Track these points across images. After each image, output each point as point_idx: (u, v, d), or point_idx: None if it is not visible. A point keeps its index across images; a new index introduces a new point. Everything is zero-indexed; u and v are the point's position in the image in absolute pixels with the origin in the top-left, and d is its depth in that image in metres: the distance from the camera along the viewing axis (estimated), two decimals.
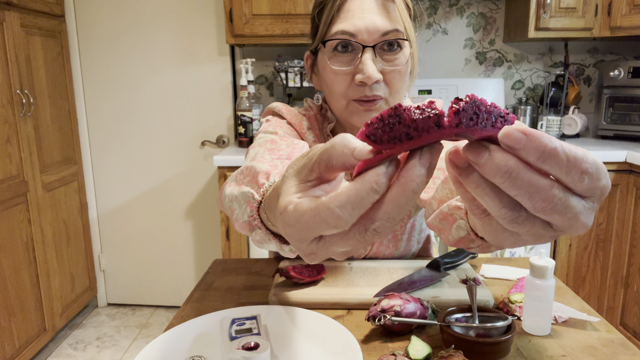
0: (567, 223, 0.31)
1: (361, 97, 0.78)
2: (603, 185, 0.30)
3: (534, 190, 0.29)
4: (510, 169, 0.28)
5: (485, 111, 0.29)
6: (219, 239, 2.70)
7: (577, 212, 0.30)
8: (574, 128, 2.42)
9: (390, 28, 0.76)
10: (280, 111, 0.93)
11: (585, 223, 0.31)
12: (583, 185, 0.29)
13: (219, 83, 2.54)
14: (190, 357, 0.66)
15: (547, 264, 0.71)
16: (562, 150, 0.28)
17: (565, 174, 0.29)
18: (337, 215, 0.30)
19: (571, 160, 0.28)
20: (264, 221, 0.51)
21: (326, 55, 0.80)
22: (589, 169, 0.29)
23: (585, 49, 2.56)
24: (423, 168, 0.30)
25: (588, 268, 2.12)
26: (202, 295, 0.88)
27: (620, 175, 2.03)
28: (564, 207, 0.30)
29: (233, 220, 0.58)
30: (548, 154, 0.28)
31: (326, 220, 0.30)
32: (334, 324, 0.71)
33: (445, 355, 0.60)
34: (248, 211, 0.53)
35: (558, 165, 0.28)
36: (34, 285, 2.18)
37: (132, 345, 2.40)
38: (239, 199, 0.54)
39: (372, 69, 0.75)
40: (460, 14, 2.55)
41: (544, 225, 0.32)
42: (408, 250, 1.04)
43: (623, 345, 0.70)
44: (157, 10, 2.49)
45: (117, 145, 2.66)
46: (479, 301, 0.79)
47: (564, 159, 0.28)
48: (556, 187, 0.29)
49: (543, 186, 0.29)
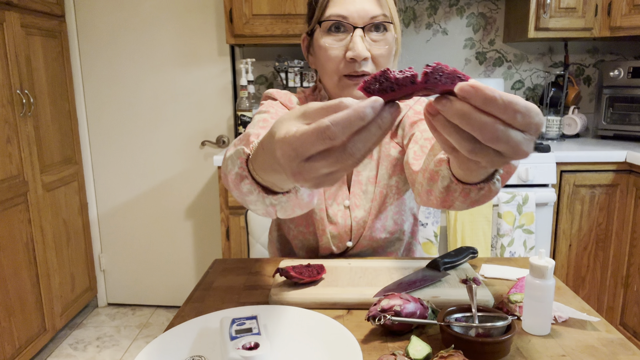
0: (511, 150, 0.42)
1: (351, 73, 0.88)
2: (536, 122, 0.41)
3: (482, 126, 0.40)
4: (464, 112, 0.40)
5: (447, 73, 0.41)
6: (219, 239, 2.70)
7: (517, 141, 0.41)
8: (573, 128, 2.42)
9: (378, 12, 0.87)
10: (272, 94, 1.02)
11: (525, 150, 0.42)
12: (517, 121, 0.40)
13: (219, 83, 2.54)
14: (191, 357, 0.66)
15: (547, 263, 0.71)
16: (500, 97, 0.39)
17: (503, 113, 0.40)
18: (333, 131, 0.40)
19: (506, 103, 0.39)
20: (251, 172, 0.60)
21: (321, 35, 0.90)
22: (520, 109, 0.40)
23: (585, 49, 2.56)
24: (389, 114, 0.41)
25: (588, 268, 2.12)
26: (202, 295, 0.88)
27: (620, 175, 2.03)
28: (506, 137, 0.41)
29: (225, 177, 0.66)
30: (489, 100, 0.39)
31: (323, 133, 0.40)
32: (334, 324, 0.71)
33: (445, 355, 0.60)
34: (238, 163, 0.60)
35: (497, 107, 0.40)
36: (34, 285, 2.18)
37: (132, 345, 2.40)
38: (233, 157, 0.62)
39: (362, 46, 0.86)
40: (460, 14, 2.55)
41: (496, 153, 0.43)
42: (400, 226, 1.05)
43: (623, 345, 0.70)
44: (157, 11, 2.49)
45: (117, 145, 2.66)
46: (479, 301, 0.79)
47: (501, 103, 0.39)
48: (499, 123, 0.40)
49: (489, 123, 0.40)
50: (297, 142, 0.41)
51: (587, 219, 2.07)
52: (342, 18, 0.87)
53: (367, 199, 1.01)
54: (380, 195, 1.01)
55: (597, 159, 2.02)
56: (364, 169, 1.02)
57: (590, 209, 2.07)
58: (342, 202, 1.02)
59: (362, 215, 1.01)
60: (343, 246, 1.04)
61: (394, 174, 1.02)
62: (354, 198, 1.01)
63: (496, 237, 1.97)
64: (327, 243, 1.02)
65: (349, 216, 1.01)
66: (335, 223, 1.01)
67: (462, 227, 1.93)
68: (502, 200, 1.92)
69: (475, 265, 0.99)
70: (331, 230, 1.02)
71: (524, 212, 1.92)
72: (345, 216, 1.01)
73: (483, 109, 0.40)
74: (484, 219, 1.93)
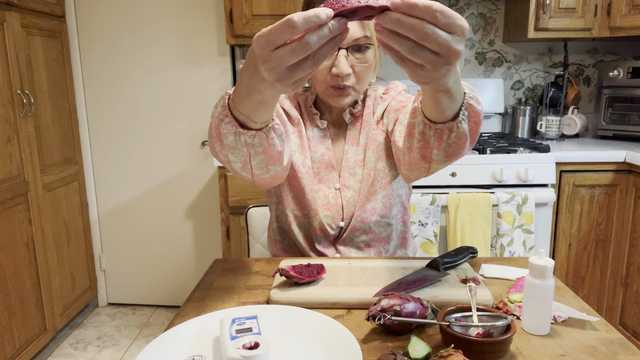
0: (444, 49, 0.53)
1: (335, 85, 1.00)
2: (459, 24, 0.53)
3: (412, 27, 0.52)
4: (397, 19, 0.52)
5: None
6: (219, 239, 2.70)
7: (446, 39, 0.53)
8: (573, 128, 2.42)
9: (360, 35, 0.97)
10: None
11: (456, 49, 0.54)
12: (440, 20, 0.52)
13: (219, 83, 2.55)
14: (191, 356, 0.67)
15: (547, 263, 0.71)
16: (421, 2, 0.51)
17: (426, 15, 0.52)
18: (296, 22, 0.52)
19: (426, 6, 0.51)
20: (231, 109, 0.72)
21: None
22: (438, 8, 0.51)
23: (585, 49, 2.56)
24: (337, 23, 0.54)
25: (587, 268, 2.13)
26: (203, 295, 0.88)
27: (619, 175, 2.04)
28: (434, 35, 0.52)
29: (210, 131, 0.77)
30: (412, 6, 0.51)
31: (287, 23, 0.53)
32: (334, 323, 0.71)
33: (444, 354, 0.60)
34: (220, 104, 0.73)
35: (420, 11, 0.51)
36: (35, 285, 2.18)
37: (132, 344, 2.40)
38: (217, 104, 0.74)
39: (345, 65, 0.97)
40: (460, 14, 2.55)
41: (432, 53, 0.54)
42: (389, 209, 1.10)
43: (622, 344, 0.70)
44: (157, 11, 2.50)
45: (117, 145, 2.66)
46: (479, 301, 0.79)
47: (422, 7, 0.51)
48: (425, 24, 0.52)
49: (417, 23, 0.52)
50: (269, 33, 0.55)
51: (587, 219, 2.08)
52: None
53: (356, 180, 1.09)
54: (367, 177, 1.08)
55: (597, 159, 2.02)
56: (352, 155, 1.10)
57: (589, 208, 2.07)
58: (332, 185, 1.10)
59: (351, 195, 1.09)
60: (336, 227, 1.09)
61: (380, 159, 1.10)
62: (343, 180, 1.10)
63: (496, 237, 1.97)
64: (320, 224, 1.08)
65: (339, 197, 1.09)
66: (327, 204, 1.09)
67: (461, 227, 1.93)
68: (502, 200, 1.92)
69: (474, 265, 0.99)
70: (324, 211, 1.08)
71: (524, 212, 1.93)
72: (337, 197, 1.09)
73: (412, 14, 0.52)
74: (484, 219, 1.93)
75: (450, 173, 1.98)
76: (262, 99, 0.66)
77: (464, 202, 1.92)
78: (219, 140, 0.76)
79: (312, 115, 1.12)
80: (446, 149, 0.79)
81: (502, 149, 2.03)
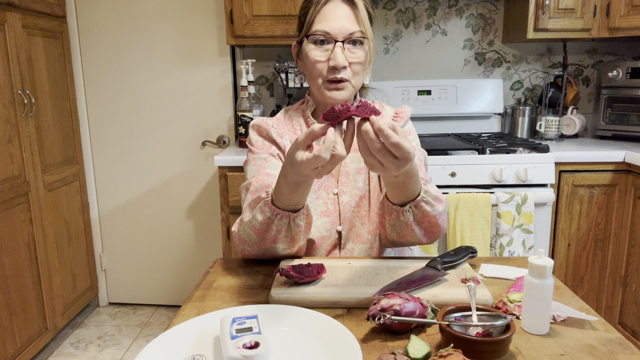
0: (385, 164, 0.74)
1: (332, 79, 1.05)
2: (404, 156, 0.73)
3: (370, 142, 0.72)
4: (366, 130, 0.72)
5: (369, 107, 0.71)
6: (220, 239, 2.71)
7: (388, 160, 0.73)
8: (572, 128, 2.43)
9: (356, 29, 1.03)
10: (253, 126, 1.19)
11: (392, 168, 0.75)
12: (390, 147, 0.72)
13: (220, 83, 2.55)
14: (191, 356, 0.67)
15: (546, 263, 0.71)
16: (385, 129, 0.71)
17: (384, 140, 0.71)
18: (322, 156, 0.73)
19: (385, 134, 0.71)
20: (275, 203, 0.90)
21: (308, 46, 1.07)
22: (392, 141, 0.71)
23: (584, 50, 2.56)
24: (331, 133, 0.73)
25: (587, 267, 2.13)
26: (203, 295, 0.88)
27: (618, 175, 2.04)
28: (382, 154, 0.73)
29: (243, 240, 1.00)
30: (379, 130, 0.71)
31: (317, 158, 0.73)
32: (333, 323, 0.72)
33: (444, 354, 0.60)
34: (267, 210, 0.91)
35: (382, 135, 0.71)
36: (36, 285, 2.18)
37: (133, 344, 2.41)
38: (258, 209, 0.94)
39: (341, 57, 1.03)
40: (460, 15, 2.55)
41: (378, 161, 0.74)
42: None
43: (621, 344, 0.70)
44: (158, 11, 2.50)
45: (118, 146, 2.66)
46: (478, 300, 0.79)
47: (385, 133, 0.71)
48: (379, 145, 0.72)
49: (374, 141, 0.72)
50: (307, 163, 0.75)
51: (586, 219, 2.08)
52: (326, 34, 1.04)
53: (354, 187, 1.13)
54: (364, 184, 1.12)
55: (596, 159, 2.03)
56: (351, 162, 1.14)
57: (589, 208, 2.07)
58: (331, 190, 1.13)
59: (347, 200, 1.12)
60: (335, 232, 1.11)
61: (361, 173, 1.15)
62: (341, 186, 1.13)
63: (495, 237, 1.97)
64: (320, 227, 1.09)
65: (337, 202, 1.12)
66: (325, 211, 1.11)
67: (461, 226, 1.94)
68: (501, 200, 1.92)
69: (474, 265, 1.00)
70: (322, 218, 1.10)
71: (523, 211, 1.93)
72: (335, 203, 1.12)
73: (379, 134, 0.71)
74: (483, 219, 1.93)
75: (449, 173, 1.98)
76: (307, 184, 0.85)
77: (463, 202, 1.92)
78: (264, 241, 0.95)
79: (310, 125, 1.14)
80: (395, 228, 0.98)
81: (501, 149, 2.03)
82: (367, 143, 0.72)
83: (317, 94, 1.11)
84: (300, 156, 0.75)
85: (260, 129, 1.16)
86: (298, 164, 0.75)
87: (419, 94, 2.49)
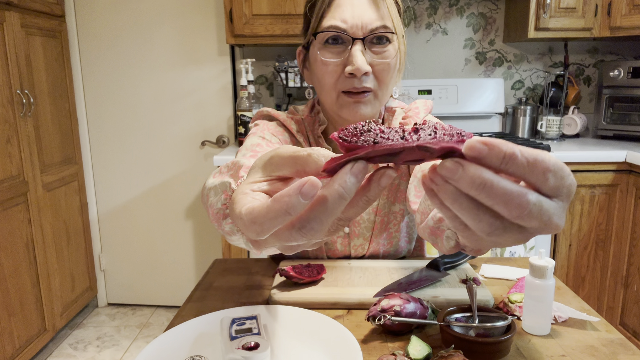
0: (542, 225, 0.32)
1: (350, 89, 0.80)
2: (569, 184, 0.32)
3: (509, 198, 0.30)
4: (484, 180, 0.30)
5: (442, 129, 0.32)
6: (219, 239, 2.70)
7: (551, 213, 0.32)
8: (573, 128, 2.42)
9: (379, 23, 0.79)
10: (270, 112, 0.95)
11: (558, 224, 0.33)
12: (549, 184, 0.31)
13: (219, 83, 2.55)
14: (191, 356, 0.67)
15: (547, 263, 0.71)
16: (520, 152, 0.30)
17: (529, 174, 0.30)
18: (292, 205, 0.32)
19: (531, 161, 0.30)
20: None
21: (317, 48, 0.82)
22: (550, 167, 0.31)
23: (585, 49, 2.56)
24: (353, 176, 0.31)
25: (588, 268, 2.12)
26: (203, 295, 0.88)
27: (619, 175, 2.04)
28: (539, 211, 0.31)
29: (207, 209, 0.58)
30: (508, 157, 0.30)
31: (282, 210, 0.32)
32: (334, 323, 0.71)
33: (445, 355, 0.60)
34: (222, 199, 0.53)
35: (520, 167, 0.30)
36: (34, 285, 2.18)
37: (132, 345, 2.40)
38: (217, 188, 0.55)
39: (362, 60, 0.77)
40: (460, 14, 2.55)
41: (520, 229, 0.33)
42: (403, 247, 1.04)
43: (623, 345, 0.70)
44: (157, 11, 2.49)
45: (117, 145, 2.66)
46: (479, 301, 0.79)
47: (523, 161, 0.30)
48: (530, 192, 0.31)
49: (517, 192, 0.30)
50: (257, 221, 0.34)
51: (587, 219, 2.08)
52: (340, 30, 0.79)
53: (368, 228, 0.98)
54: (381, 224, 0.98)
55: (597, 159, 2.02)
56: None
57: (590, 209, 2.07)
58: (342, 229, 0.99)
59: (360, 243, 0.99)
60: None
61: (397, 201, 0.97)
62: (353, 226, 0.97)
63: None
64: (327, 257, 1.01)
65: (347, 244, 0.99)
66: (334, 250, 1.00)
67: None
68: None
69: (475, 265, 0.99)
70: (329, 255, 1.01)
71: None
72: (345, 244, 1.00)
73: (503, 169, 0.30)
74: None
75: None
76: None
77: None
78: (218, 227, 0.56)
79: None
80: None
81: None
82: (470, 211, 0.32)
83: (330, 111, 0.87)
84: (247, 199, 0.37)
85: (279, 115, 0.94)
86: (237, 216, 0.36)
87: (419, 93, 2.48)
